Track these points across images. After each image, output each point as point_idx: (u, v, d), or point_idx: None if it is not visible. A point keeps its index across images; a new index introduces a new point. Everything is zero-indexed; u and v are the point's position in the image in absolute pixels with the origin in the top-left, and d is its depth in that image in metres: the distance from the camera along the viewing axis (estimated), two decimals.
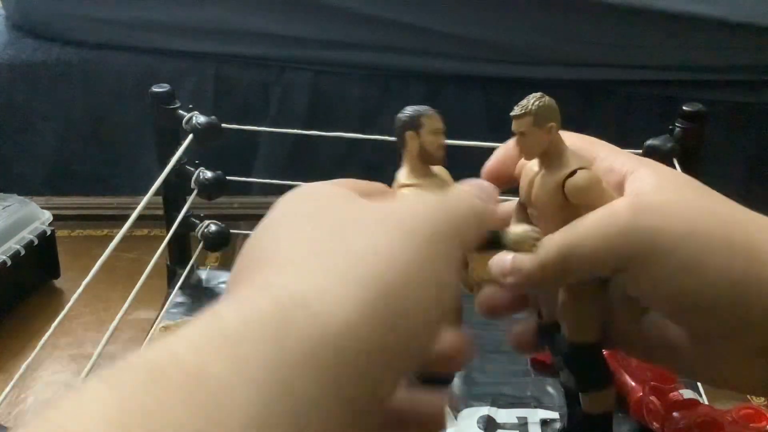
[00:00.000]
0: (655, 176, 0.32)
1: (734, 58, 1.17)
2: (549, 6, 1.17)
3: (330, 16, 1.20)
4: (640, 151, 0.55)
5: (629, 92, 1.22)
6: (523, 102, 0.33)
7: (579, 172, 0.32)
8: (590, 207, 0.32)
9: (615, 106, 1.22)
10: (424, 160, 0.36)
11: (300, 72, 1.24)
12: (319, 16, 1.21)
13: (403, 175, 0.36)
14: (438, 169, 0.37)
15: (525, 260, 0.32)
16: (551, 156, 0.33)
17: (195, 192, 0.59)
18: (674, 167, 0.55)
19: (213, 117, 0.58)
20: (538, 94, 0.33)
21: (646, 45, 1.18)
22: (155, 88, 0.59)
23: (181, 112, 0.59)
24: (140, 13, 1.24)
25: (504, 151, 0.36)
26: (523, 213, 0.36)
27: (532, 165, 0.34)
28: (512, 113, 0.33)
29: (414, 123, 0.35)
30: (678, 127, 0.56)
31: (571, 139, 0.34)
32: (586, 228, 0.31)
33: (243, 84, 1.27)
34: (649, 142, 0.55)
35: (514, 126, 0.33)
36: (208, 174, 0.59)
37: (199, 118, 0.57)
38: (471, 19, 1.18)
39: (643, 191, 0.31)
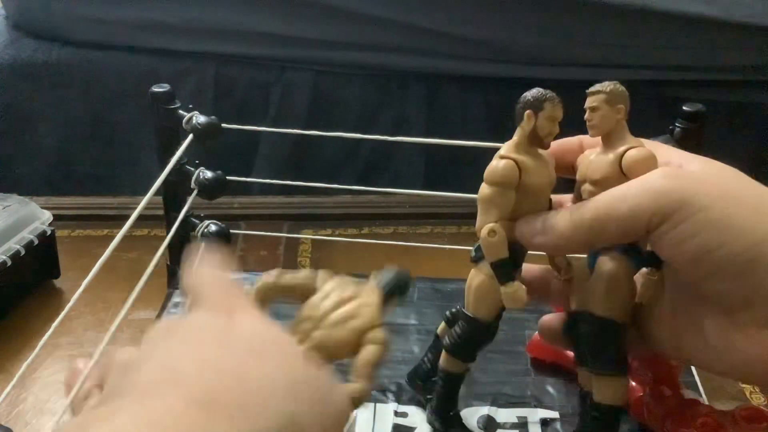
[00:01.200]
0: (686, 155, 0.35)
1: (734, 58, 1.17)
2: (549, 6, 1.17)
3: (330, 16, 1.20)
4: None
5: (629, 92, 1.22)
6: (601, 83, 0.37)
7: (637, 148, 0.35)
8: None
9: None
10: (532, 141, 0.38)
11: (300, 72, 1.24)
12: (319, 16, 1.21)
13: (506, 147, 0.38)
14: (543, 152, 0.38)
15: (559, 220, 0.34)
16: (614, 136, 0.36)
17: (195, 192, 0.59)
18: None
19: (213, 117, 0.58)
20: (615, 82, 0.37)
21: (646, 45, 1.18)
22: (155, 88, 0.59)
23: (181, 112, 0.59)
24: (140, 13, 1.24)
25: (567, 141, 0.39)
26: (579, 197, 0.38)
27: (590, 153, 0.37)
28: (588, 90, 0.36)
29: (536, 104, 0.38)
30: (678, 127, 0.56)
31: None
32: (622, 191, 0.33)
33: (243, 84, 1.27)
34: (649, 142, 0.55)
35: (588, 101, 0.36)
36: (208, 174, 0.59)
37: (199, 118, 0.57)
38: (471, 19, 1.18)
39: (676, 163, 0.34)
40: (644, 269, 0.37)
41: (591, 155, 0.37)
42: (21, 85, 1.27)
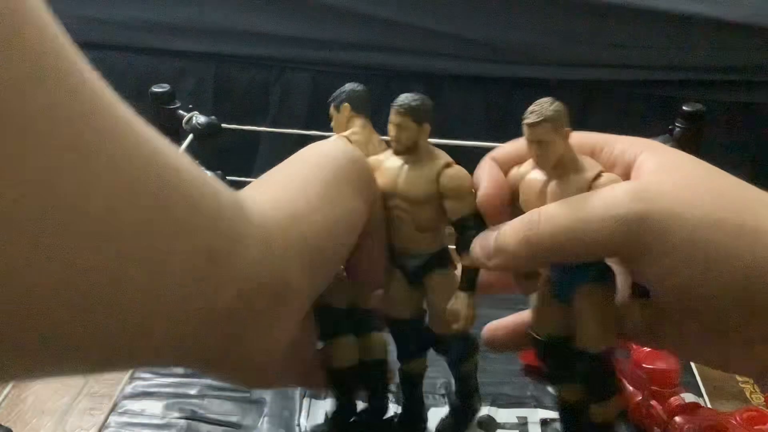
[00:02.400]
0: (658, 158, 0.31)
1: (734, 58, 1.17)
2: (549, 6, 1.17)
3: (330, 16, 1.20)
4: None
5: (629, 92, 1.22)
6: (536, 108, 0.30)
7: (605, 174, 0.31)
8: None
9: (615, 106, 1.22)
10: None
11: (300, 72, 1.24)
12: (319, 16, 1.21)
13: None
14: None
15: (509, 240, 0.31)
16: (566, 162, 0.31)
17: None
18: None
19: (213, 117, 0.58)
20: (549, 99, 0.31)
21: (646, 45, 1.18)
22: (155, 88, 0.59)
23: (181, 112, 0.59)
24: (140, 13, 1.25)
25: (495, 180, 0.34)
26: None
27: (534, 176, 0.33)
28: (527, 121, 0.30)
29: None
30: (678, 127, 0.56)
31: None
32: (585, 211, 0.29)
33: (243, 84, 1.27)
34: None
35: (531, 135, 0.31)
36: (208, 174, 0.59)
37: (199, 118, 0.57)
38: (471, 19, 1.18)
39: (646, 174, 0.30)
40: (625, 294, 0.33)
41: (535, 180, 0.33)
42: None
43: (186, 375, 0.53)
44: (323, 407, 0.50)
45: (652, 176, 0.30)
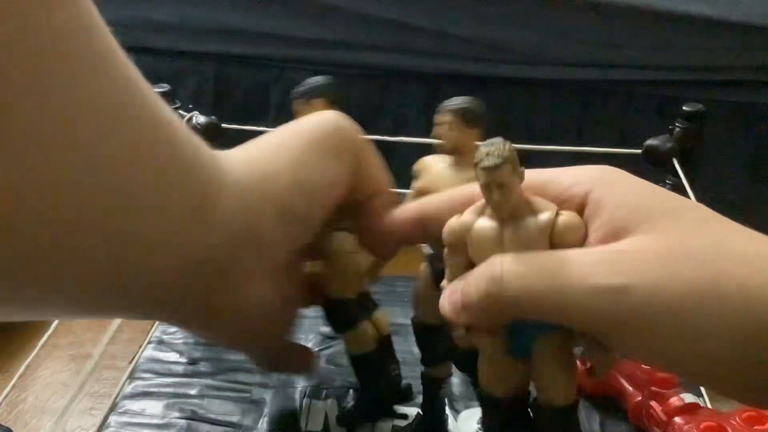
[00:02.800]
0: (617, 198, 0.29)
1: (734, 58, 1.17)
2: (549, 6, 1.17)
3: (330, 16, 1.20)
4: (640, 151, 0.56)
5: (629, 92, 1.22)
6: (492, 149, 0.28)
7: (563, 213, 0.29)
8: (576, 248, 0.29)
9: (615, 106, 1.22)
10: None
11: (300, 72, 1.24)
12: (319, 16, 1.21)
13: None
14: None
15: (473, 295, 0.28)
16: (521, 205, 0.29)
17: None
18: (674, 167, 0.55)
19: (213, 117, 0.58)
20: (500, 139, 0.29)
21: (646, 45, 1.18)
22: (155, 88, 0.59)
23: (181, 112, 0.59)
24: (140, 13, 1.25)
25: (446, 204, 0.32)
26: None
27: (483, 223, 0.30)
28: (485, 164, 0.28)
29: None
30: (678, 127, 0.56)
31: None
32: (560, 278, 0.27)
33: (243, 84, 1.27)
34: (649, 142, 0.55)
35: (493, 177, 0.28)
36: None
37: (199, 118, 0.57)
38: (471, 19, 1.18)
39: (615, 234, 0.28)
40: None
41: (485, 227, 0.30)
42: None
43: (186, 375, 0.53)
44: (323, 407, 0.50)
45: (626, 240, 0.28)
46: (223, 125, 0.59)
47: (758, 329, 0.26)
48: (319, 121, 0.35)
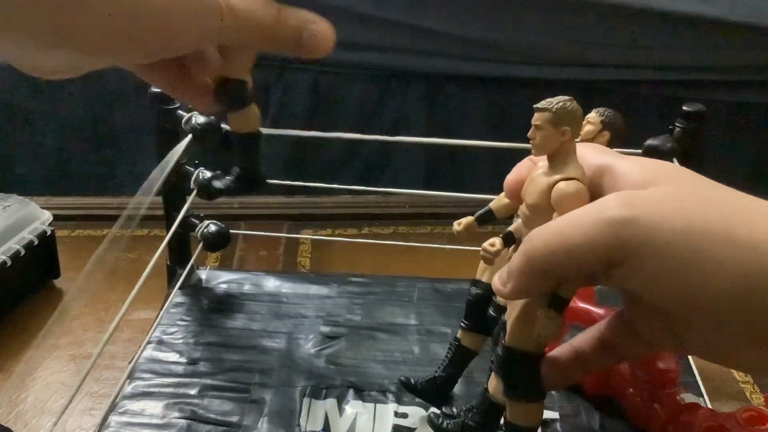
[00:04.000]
0: (640, 167, 0.31)
1: (734, 58, 1.17)
2: (549, 6, 1.17)
3: (330, 16, 1.20)
4: (640, 150, 0.56)
5: (629, 92, 1.22)
6: (552, 99, 0.33)
7: (567, 181, 0.33)
8: None
9: (615, 106, 1.22)
10: None
11: (300, 72, 1.24)
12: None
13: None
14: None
15: (514, 259, 0.32)
16: (557, 159, 0.33)
17: (194, 192, 0.59)
18: None
19: (212, 117, 0.58)
20: (568, 98, 0.34)
21: (646, 45, 1.18)
22: (154, 89, 0.59)
23: (180, 112, 0.59)
24: None
25: (523, 165, 0.36)
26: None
27: (539, 169, 0.35)
28: (535, 105, 0.33)
29: None
30: (678, 127, 0.56)
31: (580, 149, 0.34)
32: (575, 219, 0.30)
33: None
34: (649, 142, 0.55)
35: (534, 118, 0.34)
36: (207, 174, 0.59)
37: (198, 119, 0.57)
38: (471, 19, 1.18)
39: (631, 183, 0.31)
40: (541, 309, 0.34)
41: (536, 172, 0.35)
42: (21, 85, 1.27)
43: (186, 375, 0.53)
44: (323, 407, 0.50)
45: (637, 185, 0.30)
46: (222, 125, 0.59)
47: (762, 271, 0.27)
48: None
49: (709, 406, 0.49)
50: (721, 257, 0.27)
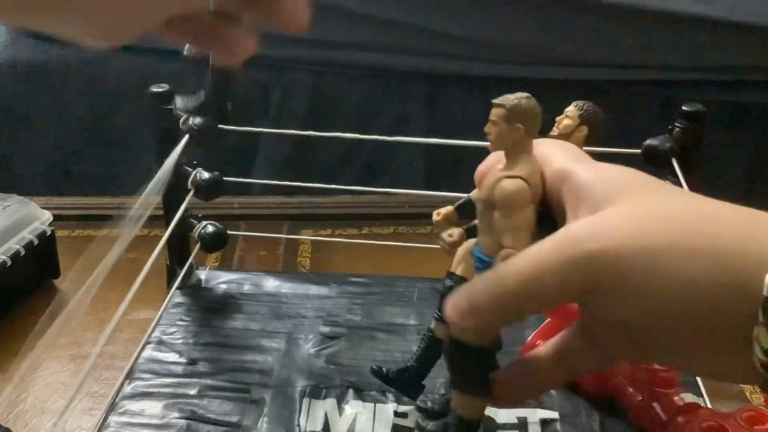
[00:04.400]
0: (603, 179, 0.31)
1: (734, 58, 1.17)
2: (549, 6, 1.17)
3: (330, 16, 1.20)
4: (639, 151, 0.56)
5: (629, 92, 1.22)
6: (509, 95, 0.33)
7: (514, 179, 0.32)
8: (506, 216, 0.33)
9: (615, 106, 1.22)
10: None
11: (300, 72, 1.24)
12: (319, 16, 1.20)
13: None
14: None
15: (482, 299, 0.31)
16: (510, 156, 0.34)
17: (191, 193, 0.59)
18: (673, 167, 0.55)
19: (210, 118, 0.58)
20: (526, 95, 0.33)
21: (646, 45, 1.18)
22: (154, 88, 0.59)
23: (177, 113, 0.59)
24: None
25: (494, 156, 0.36)
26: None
27: (501, 163, 0.35)
28: (493, 100, 0.33)
29: None
30: (677, 127, 0.56)
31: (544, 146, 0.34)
32: (546, 263, 0.29)
33: (243, 84, 1.27)
34: (649, 142, 0.55)
35: (491, 113, 0.34)
36: (205, 175, 0.59)
37: (196, 119, 0.57)
38: (471, 19, 1.18)
39: (591, 198, 0.30)
40: None
41: (497, 166, 0.35)
42: (21, 85, 1.27)
43: (185, 375, 0.53)
44: (323, 407, 0.50)
45: (604, 199, 0.30)
46: (219, 126, 0.59)
47: (729, 281, 0.27)
48: None
49: (709, 406, 0.48)
50: (685, 273, 0.27)
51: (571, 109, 0.46)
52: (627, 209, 0.29)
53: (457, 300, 0.32)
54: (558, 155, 0.33)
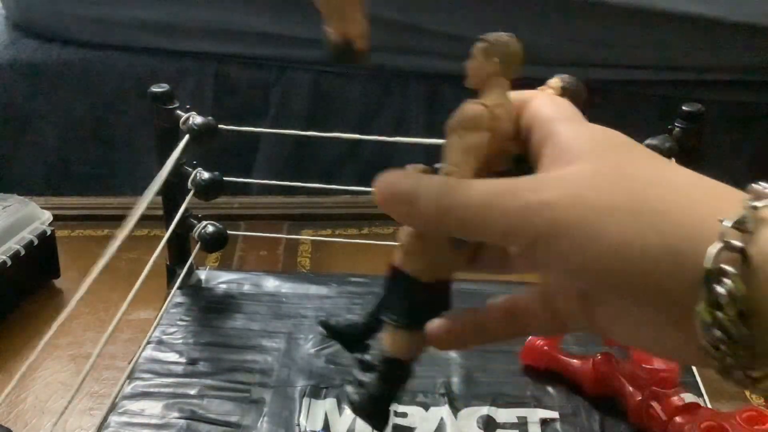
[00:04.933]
0: (584, 138, 0.31)
1: (734, 58, 1.17)
2: (549, 6, 1.17)
3: None
4: None
5: (629, 92, 1.22)
6: (494, 34, 0.34)
7: (476, 104, 0.32)
8: (458, 136, 0.32)
9: (615, 106, 1.22)
10: None
11: (300, 72, 1.24)
12: (319, 16, 1.21)
13: None
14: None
15: (430, 202, 0.31)
16: (484, 89, 0.34)
17: (191, 193, 0.59)
18: None
19: (210, 118, 0.58)
20: (510, 35, 0.34)
21: (646, 45, 1.18)
22: (154, 88, 0.59)
23: (179, 112, 0.59)
24: (140, 13, 1.24)
25: None
26: None
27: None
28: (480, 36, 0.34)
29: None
30: (677, 127, 0.56)
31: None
32: (497, 195, 0.29)
33: (243, 84, 1.27)
34: (649, 141, 0.55)
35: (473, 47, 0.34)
36: (205, 175, 0.59)
37: (196, 119, 0.57)
38: (471, 19, 1.18)
39: (567, 159, 0.30)
40: None
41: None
42: (21, 85, 1.27)
43: (185, 375, 0.53)
44: (323, 407, 0.50)
45: (580, 157, 0.30)
46: (220, 126, 0.59)
47: (669, 249, 0.26)
48: None
49: (709, 406, 0.49)
50: (622, 233, 0.27)
51: (554, 80, 0.44)
52: (586, 167, 0.29)
53: (401, 181, 0.32)
54: (550, 112, 0.34)
